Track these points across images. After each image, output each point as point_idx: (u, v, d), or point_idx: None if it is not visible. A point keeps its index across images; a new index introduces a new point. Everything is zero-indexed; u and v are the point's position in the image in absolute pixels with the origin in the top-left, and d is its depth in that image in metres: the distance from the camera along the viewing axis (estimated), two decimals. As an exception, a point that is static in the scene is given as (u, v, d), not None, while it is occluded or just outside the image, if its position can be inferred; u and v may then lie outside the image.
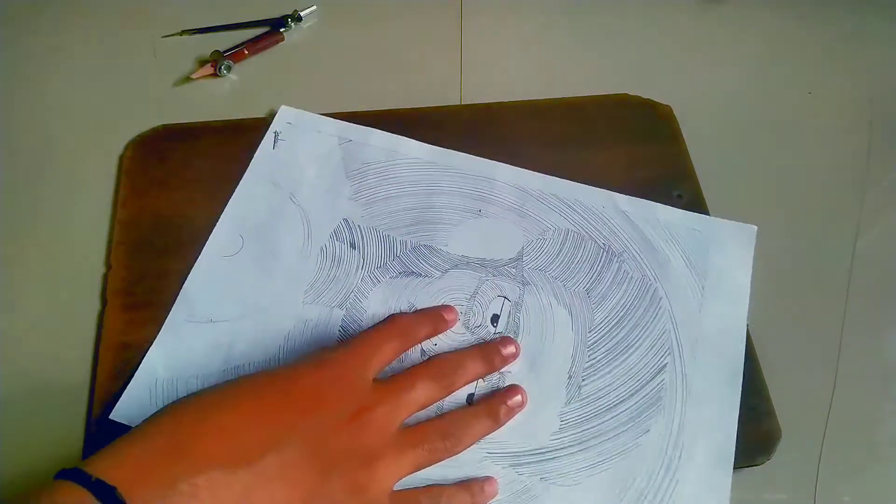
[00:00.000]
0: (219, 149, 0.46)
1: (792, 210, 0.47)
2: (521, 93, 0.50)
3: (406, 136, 0.47)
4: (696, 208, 0.45)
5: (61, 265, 0.42)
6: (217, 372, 0.38)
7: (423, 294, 0.41)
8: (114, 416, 0.36)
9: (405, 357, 0.39)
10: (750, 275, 0.43)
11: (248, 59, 0.52)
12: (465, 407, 0.38)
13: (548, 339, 0.41)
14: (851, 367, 0.41)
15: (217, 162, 0.46)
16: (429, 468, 0.35)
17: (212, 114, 0.48)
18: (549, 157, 0.47)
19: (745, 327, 0.41)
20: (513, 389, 0.38)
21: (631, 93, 0.51)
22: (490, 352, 0.39)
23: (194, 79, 0.50)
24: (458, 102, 0.50)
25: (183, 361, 0.38)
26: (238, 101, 0.49)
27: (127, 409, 0.37)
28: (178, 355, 0.39)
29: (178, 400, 0.30)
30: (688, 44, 0.55)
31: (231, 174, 0.45)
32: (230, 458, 0.27)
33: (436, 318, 0.40)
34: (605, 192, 0.45)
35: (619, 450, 0.37)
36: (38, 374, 0.39)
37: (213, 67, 0.50)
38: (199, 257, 0.42)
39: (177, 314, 0.40)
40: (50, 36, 0.52)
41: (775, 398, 0.39)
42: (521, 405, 0.38)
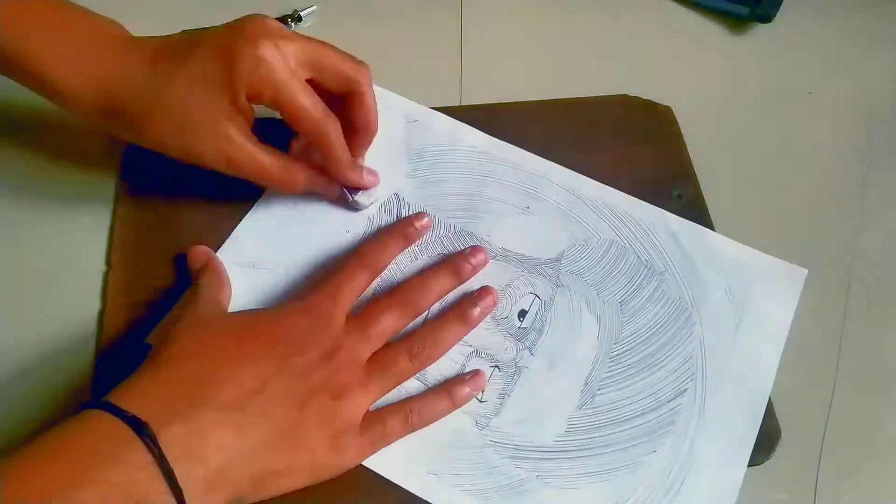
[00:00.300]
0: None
1: (792, 210, 0.47)
2: (521, 93, 0.50)
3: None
4: (695, 208, 0.45)
5: (62, 263, 0.42)
6: (248, 306, 0.40)
7: None
8: (150, 339, 0.38)
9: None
10: (791, 318, 0.41)
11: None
12: (434, 318, 0.39)
13: (571, 343, 0.40)
14: (851, 367, 0.42)
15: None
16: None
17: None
18: (549, 157, 0.47)
19: (775, 369, 0.40)
20: (485, 291, 0.40)
21: (631, 93, 0.51)
22: (458, 262, 0.40)
23: None
24: (458, 103, 0.50)
25: None
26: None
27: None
28: None
29: (187, 335, 0.34)
30: (688, 44, 0.55)
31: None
32: (230, 404, 0.32)
33: (404, 230, 0.41)
34: (657, 209, 0.45)
35: (623, 464, 0.37)
36: (38, 373, 0.39)
37: None
38: (255, 206, 0.44)
39: (224, 255, 0.41)
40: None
41: (775, 398, 0.39)
42: (494, 305, 0.40)
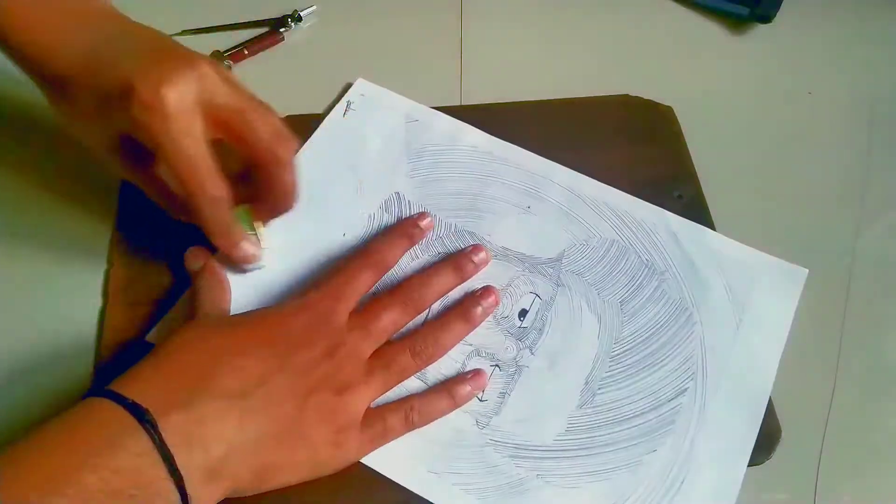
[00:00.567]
0: (219, 147, 0.46)
1: (792, 210, 0.47)
2: (521, 93, 0.50)
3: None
4: (696, 208, 0.45)
5: (63, 262, 0.42)
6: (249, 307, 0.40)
7: None
8: (149, 338, 0.39)
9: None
10: (791, 318, 0.41)
11: (247, 59, 0.52)
12: (436, 317, 0.40)
13: (571, 342, 0.40)
14: (851, 367, 0.41)
15: (218, 160, 0.45)
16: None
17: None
18: (549, 158, 0.47)
19: (775, 369, 0.40)
20: (487, 290, 0.40)
21: (632, 93, 0.51)
22: (460, 259, 0.41)
23: None
24: (458, 103, 0.50)
25: None
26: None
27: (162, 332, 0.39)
28: None
29: (189, 331, 0.34)
30: (688, 44, 0.55)
31: (231, 172, 0.45)
32: (232, 393, 0.32)
33: (407, 230, 0.42)
34: (658, 209, 0.45)
35: (623, 463, 0.37)
36: (38, 371, 0.39)
37: None
38: None
39: (223, 256, 0.41)
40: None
41: (775, 398, 0.39)
42: (496, 304, 0.40)
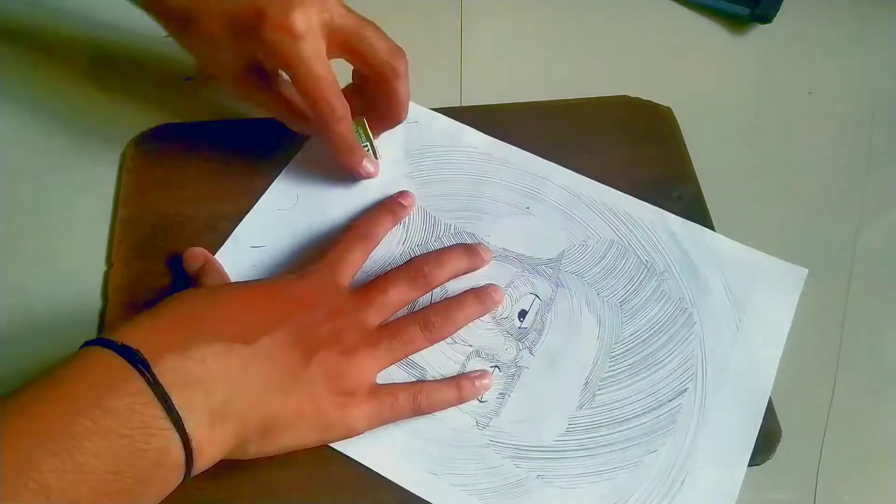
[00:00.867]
0: (220, 147, 0.46)
1: (792, 210, 0.47)
2: (521, 93, 0.50)
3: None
4: (696, 209, 0.45)
5: (63, 263, 0.42)
6: None
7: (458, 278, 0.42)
8: None
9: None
10: (791, 318, 0.41)
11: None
12: (451, 297, 0.40)
13: (571, 343, 0.40)
14: (851, 367, 0.41)
15: (218, 161, 0.46)
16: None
17: (212, 113, 0.48)
18: (549, 158, 0.47)
19: (775, 370, 0.40)
20: (495, 286, 0.41)
21: (631, 94, 0.51)
22: (471, 246, 0.42)
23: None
24: (458, 103, 0.50)
25: None
26: (238, 101, 0.49)
27: None
28: None
29: (189, 291, 0.34)
30: (688, 44, 0.55)
31: (232, 173, 0.45)
32: (233, 336, 0.31)
33: (391, 206, 0.43)
34: (657, 209, 0.45)
35: (623, 463, 0.37)
36: (38, 372, 0.39)
37: None
38: (255, 207, 0.44)
39: (223, 256, 0.42)
40: (51, 35, 0.52)
41: (775, 398, 0.39)
42: (501, 300, 0.41)
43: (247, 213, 0.44)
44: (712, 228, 0.45)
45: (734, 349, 0.40)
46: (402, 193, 0.44)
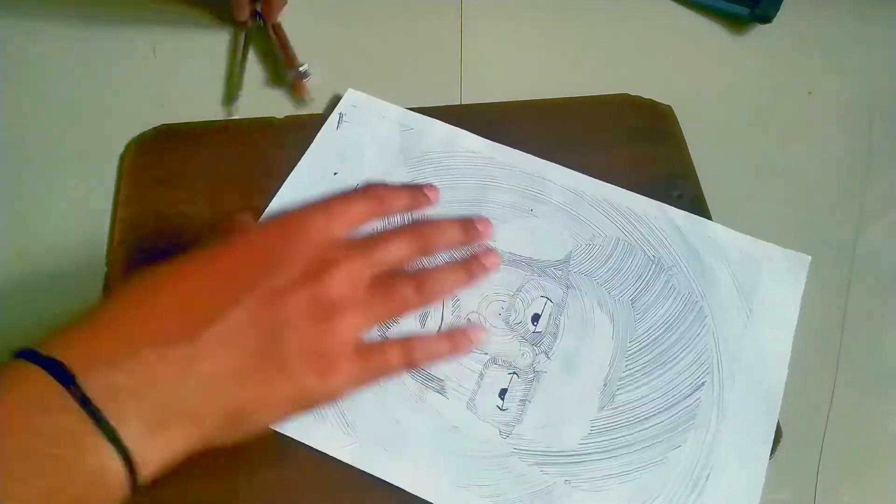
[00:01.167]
0: (219, 149, 0.46)
1: (792, 210, 0.47)
2: (521, 93, 0.50)
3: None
4: (696, 208, 0.45)
5: (62, 264, 0.42)
6: None
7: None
8: None
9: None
10: (799, 304, 0.42)
11: (250, 59, 0.52)
12: (440, 264, 0.37)
13: (587, 344, 0.40)
14: (851, 367, 0.41)
15: (217, 162, 0.46)
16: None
17: (212, 114, 0.48)
18: (549, 158, 0.47)
19: (788, 356, 0.40)
20: (491, 253, 0.38)
21: (632, 93, 0.51)
22: (468, 223, 0.38)
23: None
24: (458, 102, 0.50)
25: None
26: (239, 101, 0.49)
27: None
28: None
29: (131, 278, 0.31)
30: (688, 44, 0.55)
31: (231, 174, 0.45)
32: (170, 335, 0.28)
33: (415, 192, 0.38)
34: (660, 204, 0.45)
35: (647, 462, 0.37)
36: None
37: None
38: (263, 215, 0.42)
39: None
40: (51, 36, 0.52)
41: (775, 398, 0.39)
42: (496, 267, 0.38)
43: (246, 213, 0.43)
44: (713, 228, 0.45)
45: (746, 339, 0.40)
46: (428, 186, 0.39)
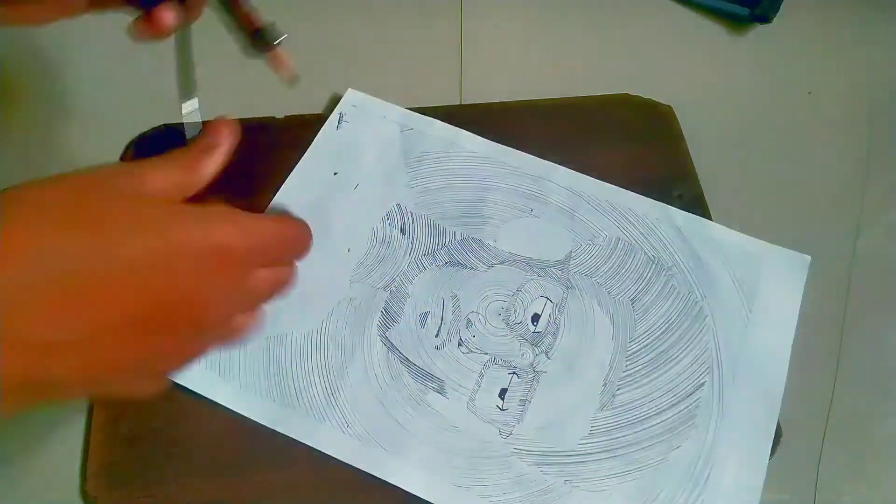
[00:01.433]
0: (219, 148, 0.46)
1: (792, 210, 0.47)
2: (521, 93, 0.50)
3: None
4: (696, 208, 0.45)
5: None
6: (258, 339, 0.39)
7: (468, 286, 0.42)
8: None
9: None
10: (799, 304, 0.42)
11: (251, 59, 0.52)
12: None
13: (587, 345, 0.40)
14: (851, 367, 0.42)
15: (218, 161, 0.46)
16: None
17: (212, 114, 0.48)
18: (549, 157, 0.47)
19: (788, 356, 0.40)
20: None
21: (632, 93, 0.51)
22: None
23: None
24: (458, 102, 0.50)
25: None
26: (239, 101, 0.49)
27: None
28: None
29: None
30: (688, 44, 0.55)
31: (231, 173, 0.45)
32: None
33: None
34: (660, 204, 0.45)
35: (648, 462, 0.37)
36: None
37: None
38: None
39: None
40: (51, 37, 0.52)
41: (775, 398, 0.39)
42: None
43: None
44: (713, 228, 0.45)
45: (746, 339, 0.40)
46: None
